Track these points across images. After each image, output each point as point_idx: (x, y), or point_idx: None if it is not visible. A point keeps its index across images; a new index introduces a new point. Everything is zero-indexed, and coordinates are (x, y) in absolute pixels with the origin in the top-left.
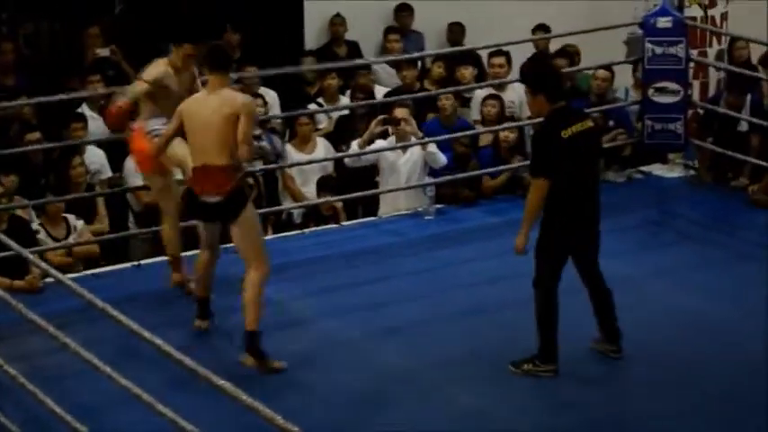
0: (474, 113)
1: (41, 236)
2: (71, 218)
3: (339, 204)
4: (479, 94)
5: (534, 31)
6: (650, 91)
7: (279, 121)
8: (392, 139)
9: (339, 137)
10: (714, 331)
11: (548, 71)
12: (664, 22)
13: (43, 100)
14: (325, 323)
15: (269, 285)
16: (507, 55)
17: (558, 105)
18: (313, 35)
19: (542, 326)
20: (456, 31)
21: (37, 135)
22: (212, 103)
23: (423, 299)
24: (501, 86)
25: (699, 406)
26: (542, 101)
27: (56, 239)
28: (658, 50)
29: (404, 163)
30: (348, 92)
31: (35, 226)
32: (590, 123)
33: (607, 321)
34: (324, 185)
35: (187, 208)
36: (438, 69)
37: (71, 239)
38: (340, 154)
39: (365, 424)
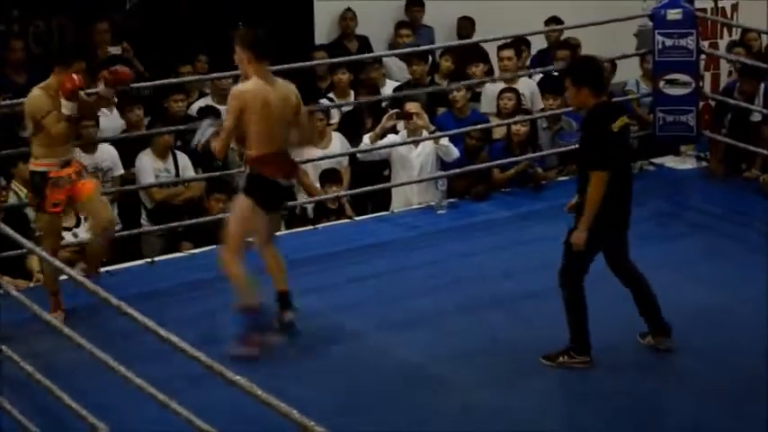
0: (484, 107)
1: None
2: None
3: (345, 199)
4: (490, 88)
5: (547, 23)
6: (661, 83)
7: None
8: (404, 133)
9: (344, 131)
10: (724, 323)
11: (592, 65)
12: (674, 14)
13: None
14: (338, 317)
15: None
16: (516, 47)
17: (602, 99)
18: (323, 30)
19: (573, 318)
20: (466, 26)
21: None
22: (279, 91)
23: (436, 292)
24: (511, 79)
25: (709, 395)
26: (587, 94)
27: (66, 228)
28: (669, 42)
29: (416, 157)
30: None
31: None
32: (627, 119)
33: (651, 312)
34: (328, 178)
35: (258, 196)
36: (446, 63)
37: (81, 230)
38: (352, 149)
39: (380, 418)
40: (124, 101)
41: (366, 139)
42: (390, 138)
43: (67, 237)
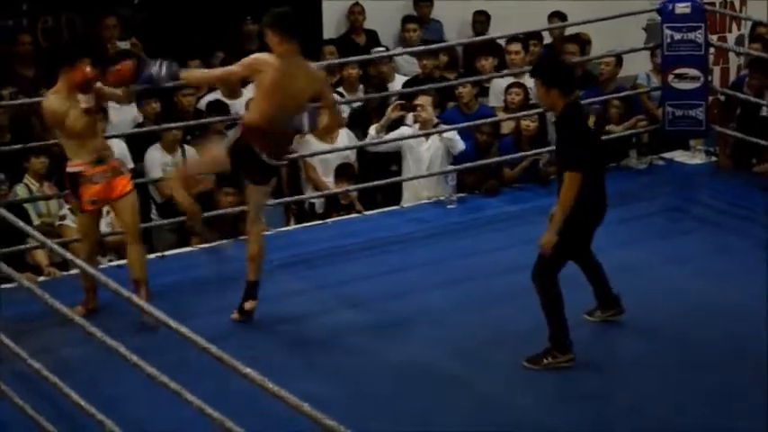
0: (493, 101)
1: (68, 222)
2: None
3: (354, 194)
4: (498, 82)
5: (550, 18)
6: (670, 77)
7: None
8: (416, 126)
9: (353, 127)
10: (729, 318)
11: (560, 65)
12: (682, 8)
13: None
14: (347, 312)
15: (294, 275)
16: (524, 42)
17: (573, 98)
18: (332, 24)
19: (552, 316)
20: (480, 21)
21: None
22: (304, 71)
23: (445, 287)
24: (519, 74)
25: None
26: (556, 95)
27: None
28: (677, 36)
29: (425, 150)
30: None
31: (63, 211)
32: (593, 118)
33: (602, 289)
34: (342, 173)
35: (248, 171)
36: (443, 57)
37: (102, 223)
38: (360, 142)
39: (388, 412)
40: (142, 94)
41: (372, 130)
42: (399, 130)
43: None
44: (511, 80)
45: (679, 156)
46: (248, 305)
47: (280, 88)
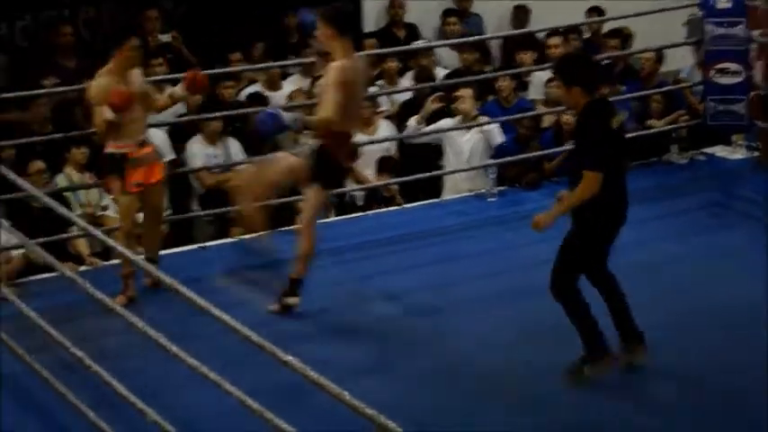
0: (532, 94)
1: (110, 212)
2: None
3: (395, 187)
4: (538, 75)
5: (588, 13)
6: (712, 72)
7: None
8: (458, 118)
9: (401, 119)
10: None
11: (582, 62)
12: (723, 3)
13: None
14: (385, 304)
15: (333, 266)
16: (564, 35)
17: (596, 97)
18: (371, 18)
19: (581, 325)
20: (520, 15)
21: None
22: (362, 68)
23: (485, 280)
24: None
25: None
26: (578, 93)
27: None
28: (719, 31)
29: (465, 141)
30: (408, 74)
31: (105, 202)
32: (622, 117)
33: (624, 320)
34: (383, 166)
35: (324, 178)
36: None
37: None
38: (399, 135)
39: (428, 406)
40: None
41: (412, 121)
42: (439, 122)
43: None
44: (551, 74)
45: (720, 151)
46: (291, 301)
47: (354, 91)
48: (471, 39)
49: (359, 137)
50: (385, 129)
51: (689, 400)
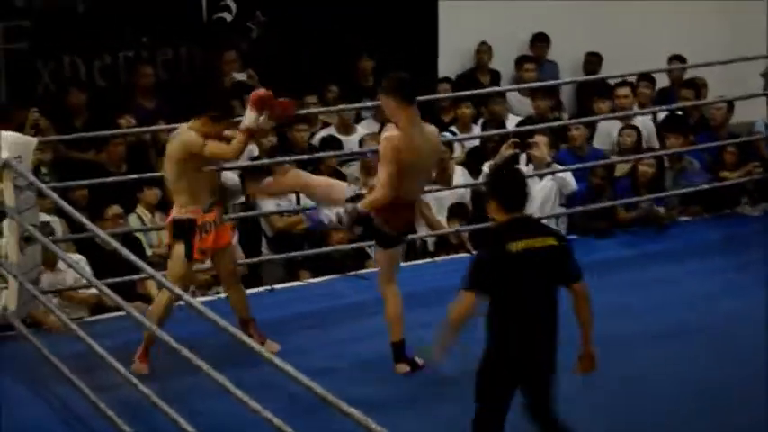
0: (596, 142)
1: None
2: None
3: (464, 233)
4: (604, 124)
5: (670, 61)
6: None
7: None
8: (530, 166)
9: (471, 167)
10: None
11: (505, 177)
12: None
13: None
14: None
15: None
16: (633, 86)
17: (514, 217)
18: (447, 63)
19: None
20: (593, 62)
21: None
22: (428, 139)
23: None
24: (631, 118)
25: None
26: (495, 208)
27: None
28: None
29: (539, 190)
30: (480, 121)
31: None
32: (552, 241)
33: None
34: (455, 213)
35: (381, 240)
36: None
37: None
38: (474, 181)
39: None
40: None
41: (486, 168)
42: None
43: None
44: (617, 122)
45: None
46: (401, 368)
47: (412, 161)
48: (533, 85)
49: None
50: (458, 175)
51: None
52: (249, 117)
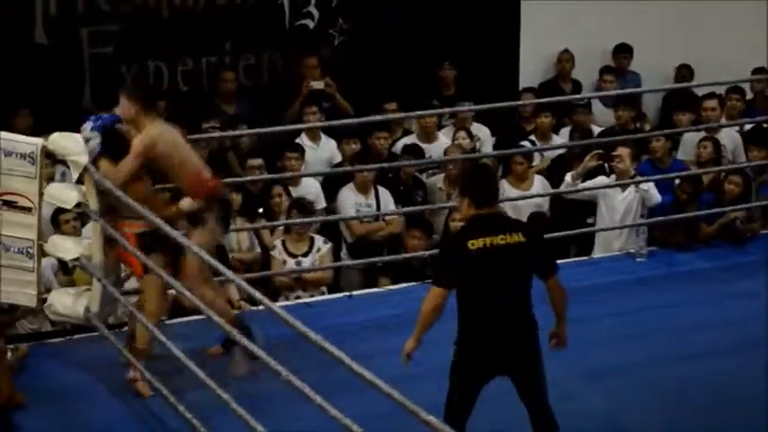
0: (681, 154)
1: (276, 252)
2: (318, 239)
3: None
4: (689, 135)
5: (754, 73)
6: None
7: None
8: (613, 176)
9: (554, 176)
10: None
11: (476, 174)
12: None
13: (262, 131)
14: None
15: None
16: (722, 98)
17: (482, 212)
18: (528, 72)
19: None
20: (684, 74)
21: (259, 161)
22: None
23: (627, 341)
24: (713, 130)
25: None
26: (466, 204)
27: (292, 255)
28: None
29: (621, 201)
30: (561, 130)
31: (275, 242)
32: (519, 238)
33: None
34: (534, 221)
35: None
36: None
37: (307, 260)
38: (555, 190)
39: None
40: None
41: (568, 177)
42: (596, 179)
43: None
44: (703, 134)
45: None
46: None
47: None
48: (611, 92)
49: (513, 192)
50: (538, 184)
51: None
52: (190, 204)
